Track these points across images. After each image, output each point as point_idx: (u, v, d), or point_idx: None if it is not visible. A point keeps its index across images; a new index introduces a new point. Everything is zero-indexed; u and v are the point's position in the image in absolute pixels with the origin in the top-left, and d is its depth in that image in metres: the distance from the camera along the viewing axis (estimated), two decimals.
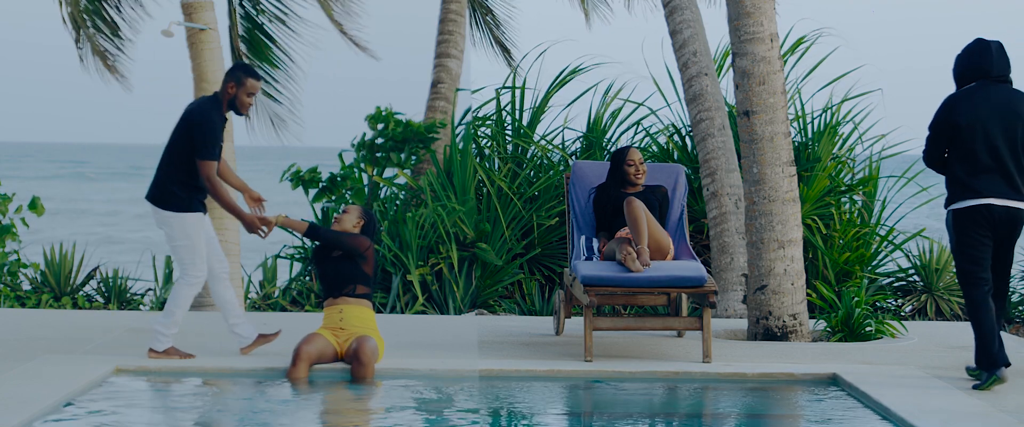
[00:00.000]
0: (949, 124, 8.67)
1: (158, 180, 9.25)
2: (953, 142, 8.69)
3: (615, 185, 10.36)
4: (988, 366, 8.68)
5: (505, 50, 17.78)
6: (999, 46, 8.75)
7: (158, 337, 9.24)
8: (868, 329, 10.94)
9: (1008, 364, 8.72)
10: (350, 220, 9.22)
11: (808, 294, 13.35)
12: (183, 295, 9.25)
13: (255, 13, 15.67)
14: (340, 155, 14.95)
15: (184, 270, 9.25)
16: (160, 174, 9.26)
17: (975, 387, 8.69)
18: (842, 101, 14.71)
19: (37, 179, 69.95)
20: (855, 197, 14.44)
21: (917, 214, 15.44)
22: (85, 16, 15.14)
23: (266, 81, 15.76)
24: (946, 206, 8.80)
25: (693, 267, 9.62)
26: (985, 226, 8.66)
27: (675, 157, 15.04)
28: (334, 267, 9.10)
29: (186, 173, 9.17)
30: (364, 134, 14.83)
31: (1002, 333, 11.41)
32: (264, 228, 9.20)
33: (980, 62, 8.71)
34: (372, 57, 15.95)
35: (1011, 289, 14.54)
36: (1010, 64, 8.79)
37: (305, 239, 14.78)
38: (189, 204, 9.20)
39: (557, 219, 14.30)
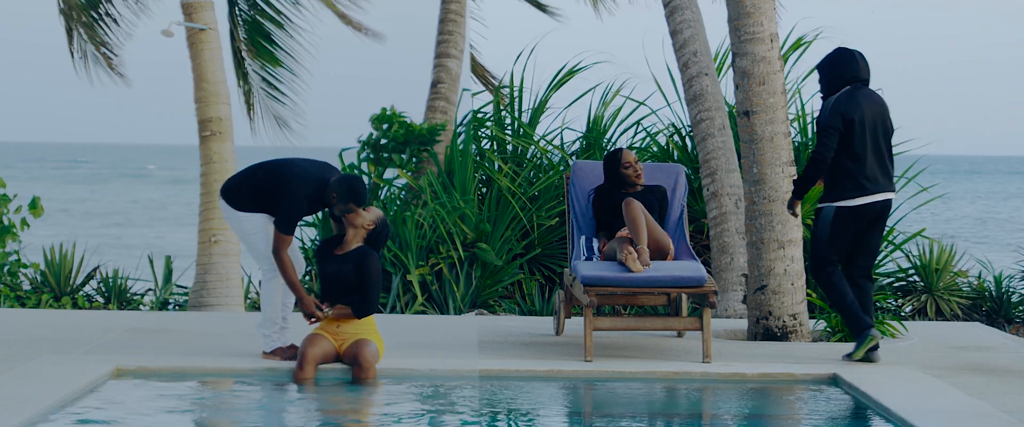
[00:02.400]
0: (845, 121, 9.36)
1: (236, 184, 9.24)
2: (842, 140, 9.40)
3: (615, 187, 10.35)
4: (860, 331, 9.49)
5: (480, 70, 17.86)
6: (862, 54, 9.59)
7: (264, 339, 9.32)
8: None
9: (871, 325, 9.54)
10: (363, 219, 9.09)
11: (808, 294, 13.36)
12: (271, 291, 9.27)
13: (254, 12, 15.69)
14: (340, 154, 14.95)
15: (264, 264, 9.25)
16: (239, 180, 9.25)
17: (848, 357, 9.53)
18: None
19: (36, 180, 69.93)
20: None
21: (917, 214, 15.43)
22: (78, 12, 15.16)
23: (269, 81, 15.77)
24: (830, 201, 9.50)
25: (693, 267, 9.62)
26: (861, 221, 9.49)
27: (675, 157, 15.04)
28: (336, 269, 9.07)
29: (256, 196, 9.15)
30: (371, 134, 14.83)
31: (1002, 333, 11.43)
32: (317, 315, 9.06)
33: (851, 69, 9.52)
34: (377, 40, 15.93)
35: (1011, 289, 14.56)
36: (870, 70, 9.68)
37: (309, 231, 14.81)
38: (257, 210, 9.22)
39: (557, 219, 14.30)
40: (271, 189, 9.09)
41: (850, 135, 9.39)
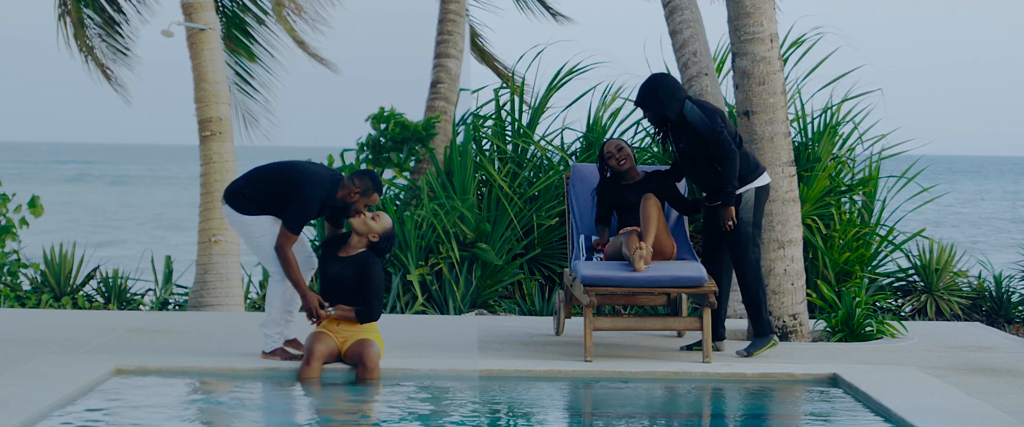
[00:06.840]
0: (723, 118, 9.74)
1: (240, 187, 9.23)
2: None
3: (613, 179, 10.36)
4: (770, 330, 9.86)
5: (490, 60, 17.88)
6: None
7: (265, 339, 9.31)
8: (868, 329, 10.94)
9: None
10: (370, 225, 9.06)
11: (808, 294, 13.35)
12: (276, 292, 9.26)
13: (237, 10, 15.75)
14: (342, 155, 14.95)
15: (272, 267, 9.23)
16: (244, 183, 9.24)
17: (749, 351, 9.76)
18: (842, 101, 14.70)
19: (36, 181, 69.95)
20: (855, 197, 14.44)
21: (917, 214, 15.44)
22: (85, 22, 15.19)
23: (243, 78, 15.82)
24: (743, 185, 9.77)
25: (693, 267, 9.63)
26: (766, 199, 10.01)
27: None
28: (338, 272, 9.06)
29: (261, 200, 9.15)
30: (369, 134, 14.83)
31: (1002, 333, 11.43)
32: (321, 314, 9.05)
33: (680, 88, 9.89)
34: (332, 71, 15.92)
35: (1011, 289, 14.55)
36: None
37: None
38: (263, 213, 9.21)
39: (557, 219, 14.29)
40: (282, 190, 9.09)
41: (729, 125, 9.84)
